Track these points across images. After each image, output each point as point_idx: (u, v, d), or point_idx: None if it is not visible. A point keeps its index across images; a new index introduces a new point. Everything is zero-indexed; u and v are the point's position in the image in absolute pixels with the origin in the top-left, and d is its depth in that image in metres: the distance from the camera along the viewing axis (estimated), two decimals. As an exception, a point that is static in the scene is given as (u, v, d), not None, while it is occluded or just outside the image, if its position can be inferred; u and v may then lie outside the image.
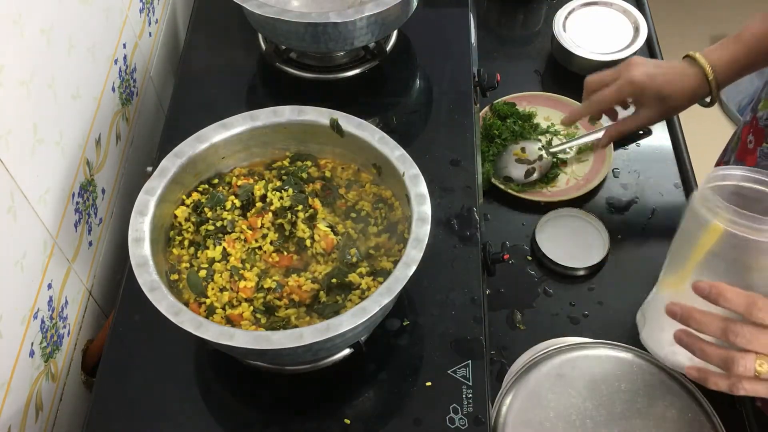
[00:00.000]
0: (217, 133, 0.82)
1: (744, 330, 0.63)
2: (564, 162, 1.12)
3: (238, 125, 0.82)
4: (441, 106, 1.00)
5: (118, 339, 0.81)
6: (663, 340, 0.83)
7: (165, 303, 0.68)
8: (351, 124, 0.82)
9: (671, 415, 0.81)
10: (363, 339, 0.77)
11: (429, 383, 0.77)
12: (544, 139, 1.14)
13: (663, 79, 0.95)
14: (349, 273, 0.76)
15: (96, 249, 0.94)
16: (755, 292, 0.64)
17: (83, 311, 0.90)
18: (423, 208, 0.74)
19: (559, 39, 1.21)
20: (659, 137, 1.16)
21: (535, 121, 1.16)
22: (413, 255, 0.70)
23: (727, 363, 0.64)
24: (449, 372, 0.77)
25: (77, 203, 0.88)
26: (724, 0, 2.56)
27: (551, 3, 1.34)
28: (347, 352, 0.78)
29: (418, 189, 0.75)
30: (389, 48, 1.07)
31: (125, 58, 1.03)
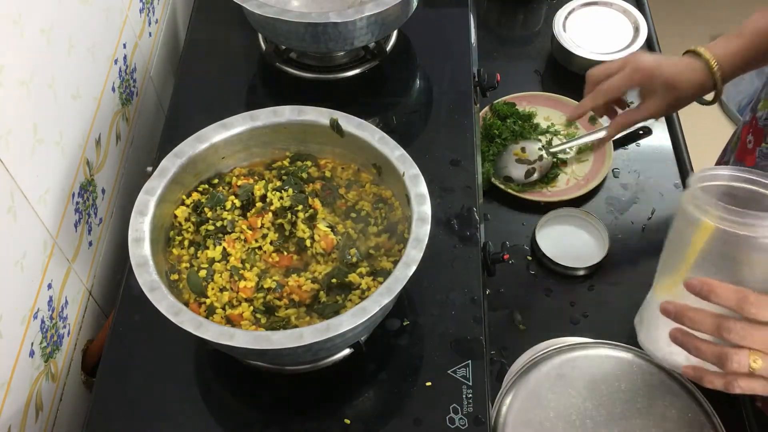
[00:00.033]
0: (217, 133, 0.82)
1: (737, 326, 0.62)
2: (564, 162, 1.12)
3: (238, 125, 0.82)
4: (441, 106, 1.00)
5: (118, 339, 0.81)
6: (660, 341, 0.82)
7: (165, 303, 0.68)
8: (351, 124, 0.82)
9: (671, 415, 0.81)
10: (363, 339, 0.77)
11: (429, 383, 0.77)
12: (544, 139, 1.14)
13: (672, 68, 0.93)
14: (349, 273, 0.76)
15: (96, 249, 0.94)
16: (748, 288, 0.64)
17: (83, 311, 0.90)
18: (423, 208, 0.74)
19: (559, 39, 1.21)
20: (659, 137, 1.16)
21: (535, 121, 1.16)
22: (413, 255, 0.70)
23: (722, 359, 0.64)
24: (449, 372, 0.77)
25: (77, 203, 0.88)
26: (724, 0, 2.56)
27: (551, 3, 1.34)
28: (347, 352, 0.78)
29: (418, 189, 0.75)
30: (389, 48, 1.07)
31: (125, 58, 1.03)
